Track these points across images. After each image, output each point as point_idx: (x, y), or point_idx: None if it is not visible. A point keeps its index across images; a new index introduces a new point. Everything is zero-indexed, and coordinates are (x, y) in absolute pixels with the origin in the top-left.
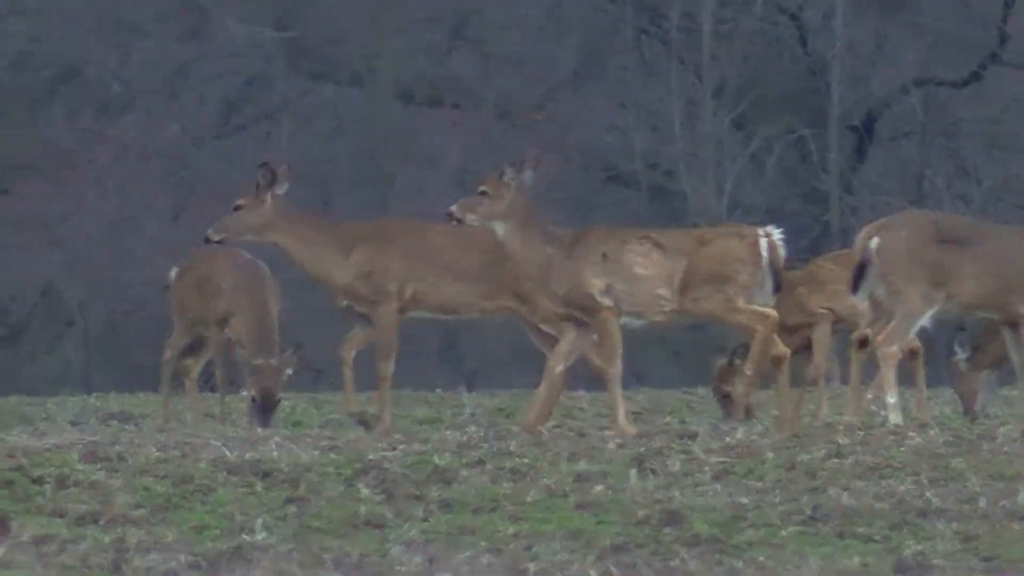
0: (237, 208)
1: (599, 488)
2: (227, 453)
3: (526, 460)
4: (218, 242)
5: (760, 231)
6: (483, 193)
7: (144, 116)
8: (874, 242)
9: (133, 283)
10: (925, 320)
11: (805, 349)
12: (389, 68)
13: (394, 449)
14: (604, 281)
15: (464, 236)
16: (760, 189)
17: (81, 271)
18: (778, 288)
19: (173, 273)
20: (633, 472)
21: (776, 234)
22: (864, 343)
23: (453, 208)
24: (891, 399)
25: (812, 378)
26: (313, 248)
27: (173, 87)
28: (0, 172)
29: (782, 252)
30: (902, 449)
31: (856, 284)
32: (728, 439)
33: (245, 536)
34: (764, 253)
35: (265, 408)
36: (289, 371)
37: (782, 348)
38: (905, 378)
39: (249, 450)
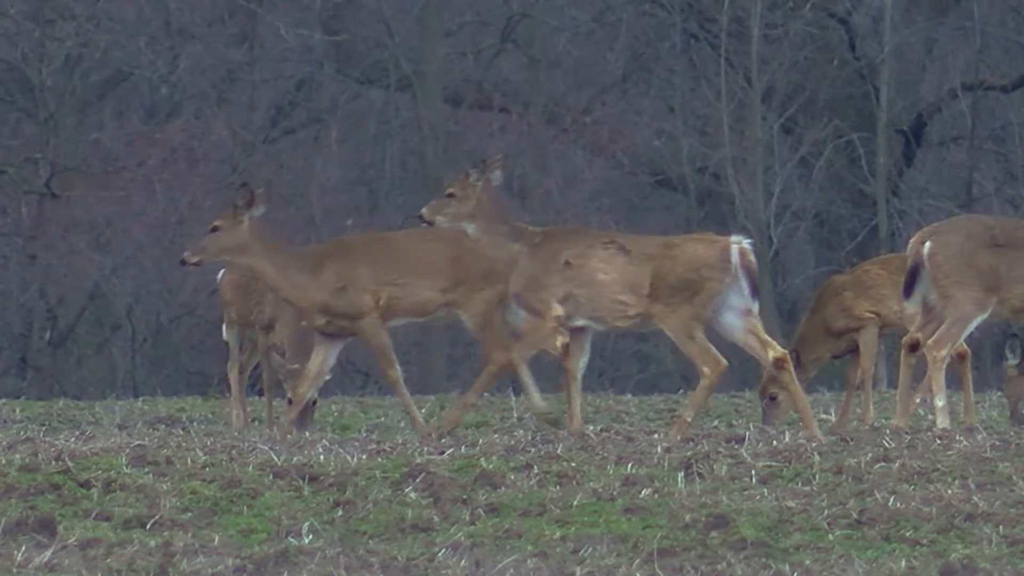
0: (214, 229)
1: (646, 492)
2: (274, 457)
3: (573, 464)
4: (195, 264)
5: (732, 239)
6: (450, 195)
7: (193, 120)
8: (927, 246)
9: (181, 287)
10: (976, 325)
11: (851, 353)
12: (437, 72)
13: (441, 453)
14: (563, 289)
15: (423, 237)
16: (808, 193)
17: (129, 275)
18: (755, 293)
19: (220, 277)
20: (680, 476)
21: (745, 242)
22: (915, 347)
23: (423, 211)
24: (939, 403)
25: (859, 382)
26: (284, 272)
27: (222, 91)
28: (48, 175)
29: (753, 259)
30: (949, 453)
31: (909, 288)
32: (775, 443)
33: (292, 540)
34: (735, 259)
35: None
36: (327, 376)
37: (779, 350)
38: (952, 382)
39: (296, 454)
